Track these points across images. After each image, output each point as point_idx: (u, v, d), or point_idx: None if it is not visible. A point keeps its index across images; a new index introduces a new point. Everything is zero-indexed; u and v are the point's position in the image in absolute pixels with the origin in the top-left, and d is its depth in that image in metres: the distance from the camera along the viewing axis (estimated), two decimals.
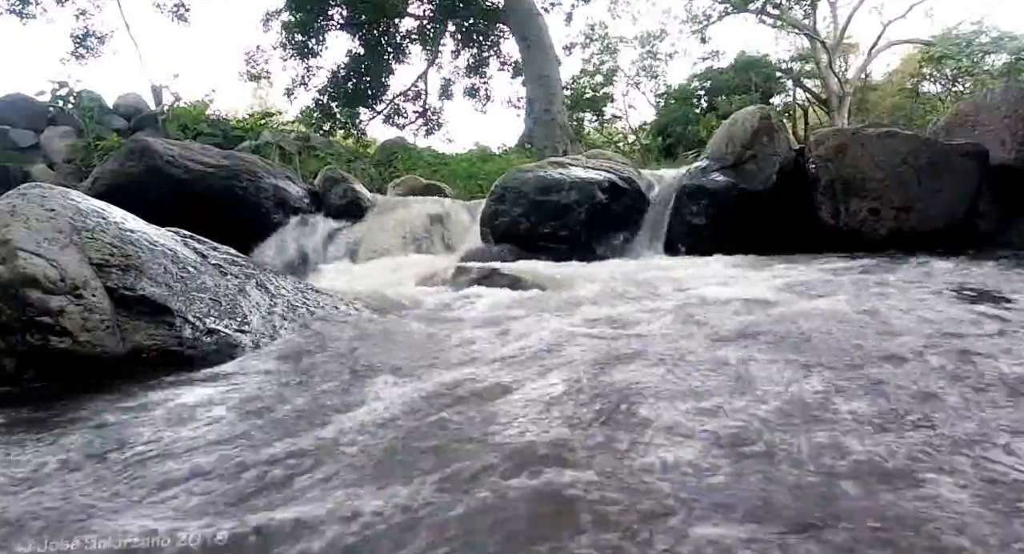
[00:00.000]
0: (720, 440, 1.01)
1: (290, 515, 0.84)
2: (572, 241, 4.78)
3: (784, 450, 0.96)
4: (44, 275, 1.66)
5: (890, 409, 1.11)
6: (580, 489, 0.86)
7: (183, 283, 1.99)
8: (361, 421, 1.20)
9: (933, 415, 1.07)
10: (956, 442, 0.96)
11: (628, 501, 0.82)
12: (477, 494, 0.86)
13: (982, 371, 1.28)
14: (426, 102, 17.27)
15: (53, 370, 1.63)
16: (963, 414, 1.07)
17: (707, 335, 1.74)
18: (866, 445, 0.96)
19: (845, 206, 4.14)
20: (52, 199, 1.95)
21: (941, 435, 0.99)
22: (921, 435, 1.00)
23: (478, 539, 0.77)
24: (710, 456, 0.95)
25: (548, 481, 0.89)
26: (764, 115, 4.70)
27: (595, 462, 0.95)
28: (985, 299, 2.07)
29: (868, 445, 0.96)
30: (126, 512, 0.89)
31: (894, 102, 16.17)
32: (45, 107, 9.82)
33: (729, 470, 0.90)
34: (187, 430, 1.22)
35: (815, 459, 0.92)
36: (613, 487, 0.86)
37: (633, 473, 0.91)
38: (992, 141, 4.11)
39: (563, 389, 1.32)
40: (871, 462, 0.90)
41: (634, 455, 0.97)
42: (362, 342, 1.96)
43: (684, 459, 0.94)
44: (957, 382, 1.23)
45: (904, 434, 1.00)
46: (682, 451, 0.97)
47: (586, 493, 0.85)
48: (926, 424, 1.04)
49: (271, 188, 5.58)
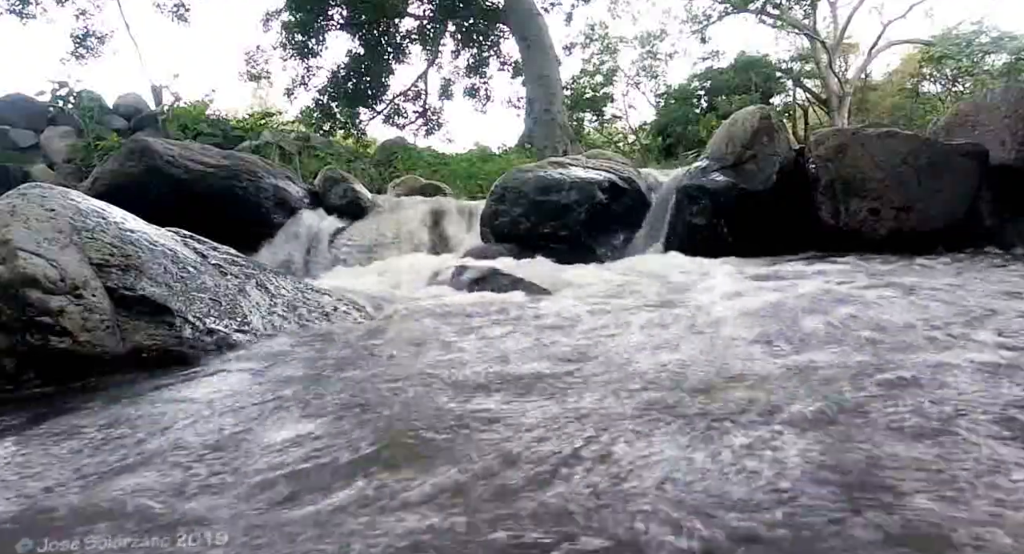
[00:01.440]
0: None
1: (304, 512, 0.84)
2: (572, 241, 4.78)
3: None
4: (44, 275, 1.66)
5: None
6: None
7: (183, 283, 1.99)
8: (360, 419, 1.20)
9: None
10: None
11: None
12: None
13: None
14: (426, 102, 17.31)
15: (53, 370, 1.63)
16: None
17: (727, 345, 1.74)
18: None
19: (845, 206, 4.14)
20: (52, 199, 1.95)
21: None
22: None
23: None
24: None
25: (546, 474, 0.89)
26: (764, 115, 4.70)
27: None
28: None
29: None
30: (125, 512, 0.89)
31: (894, 102, 16.18)
32: (45, 107, 9.81)
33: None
34: (187, 430, 1.22)
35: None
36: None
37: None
38: (992, 141, 4.11)
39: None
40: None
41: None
42: (361, 342, 1.96)
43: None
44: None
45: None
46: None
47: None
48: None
49: (271, 188, 5.58)
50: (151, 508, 0.89)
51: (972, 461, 0.88)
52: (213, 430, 1.21)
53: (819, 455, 0.92)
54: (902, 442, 0.95)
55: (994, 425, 1.00)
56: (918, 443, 0.95)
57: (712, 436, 1.01)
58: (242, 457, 1.06)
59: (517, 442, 1.04)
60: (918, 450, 0.92)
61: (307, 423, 1.21)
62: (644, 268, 3.72)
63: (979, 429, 0.98)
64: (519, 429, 1.10)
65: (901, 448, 0.93)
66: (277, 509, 0.87)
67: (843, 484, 0.83)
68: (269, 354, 1.84)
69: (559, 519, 0.78)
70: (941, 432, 0.98)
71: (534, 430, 1.09)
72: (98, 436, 1.22)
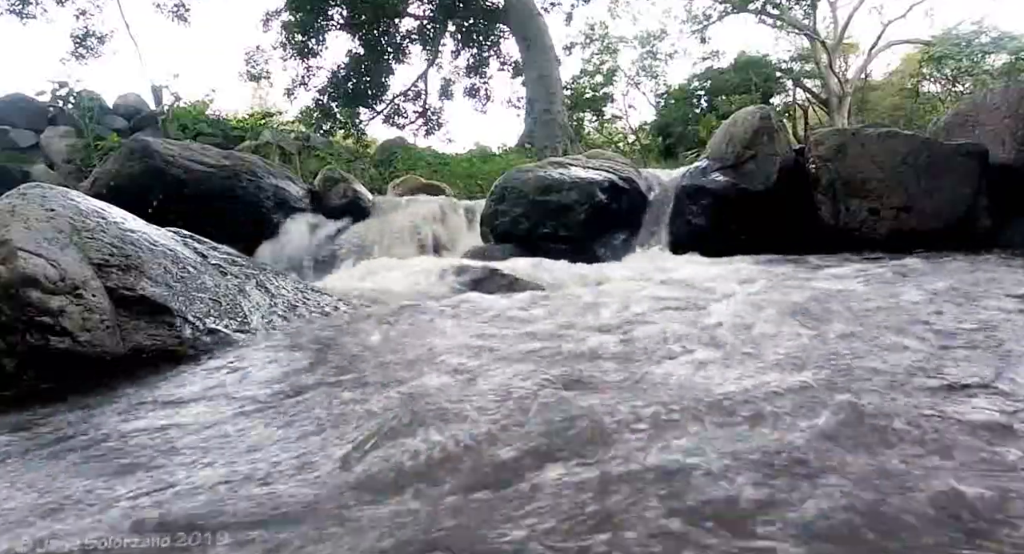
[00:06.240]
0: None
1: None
2: (572, 241, 4.78)
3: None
4: (44, 275, 1.66)
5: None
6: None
7: (183, 283, 1.99)
8: (361, 418, 1.20)
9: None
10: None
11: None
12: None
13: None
14: (426, 102, 17.30)
15: (53, 370, 1.63)
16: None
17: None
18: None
19: (845, 206, 4.14)
20: (52, 199, 1.95)
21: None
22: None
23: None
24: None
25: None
26: (764, 115, 4.70)
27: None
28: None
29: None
30: (127, 512, 0.89)
31: (894, 102, 16.18)
32: (45, 107, 9.81)
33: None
34: (187, 430, 1.22)
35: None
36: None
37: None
38: (992, 141, 4.12)
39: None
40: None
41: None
42: (361, 342, 1.96)
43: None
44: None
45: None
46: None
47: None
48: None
49: (271, 188, 5.58)
50: (149, 509, 0.89)
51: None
52: (213, 430, 1.21)
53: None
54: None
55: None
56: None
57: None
58: (243, 457, 1.06)
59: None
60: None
61: (306, 421, 1.22)
62: (645, 268, 3.72)
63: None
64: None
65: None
66: (277, 509, 0.87)
67: None
68: (269, 354, 1.84)
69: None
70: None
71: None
72: (98, 436, 1.22)
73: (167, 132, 9.03)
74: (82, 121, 9.15)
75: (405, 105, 17.08)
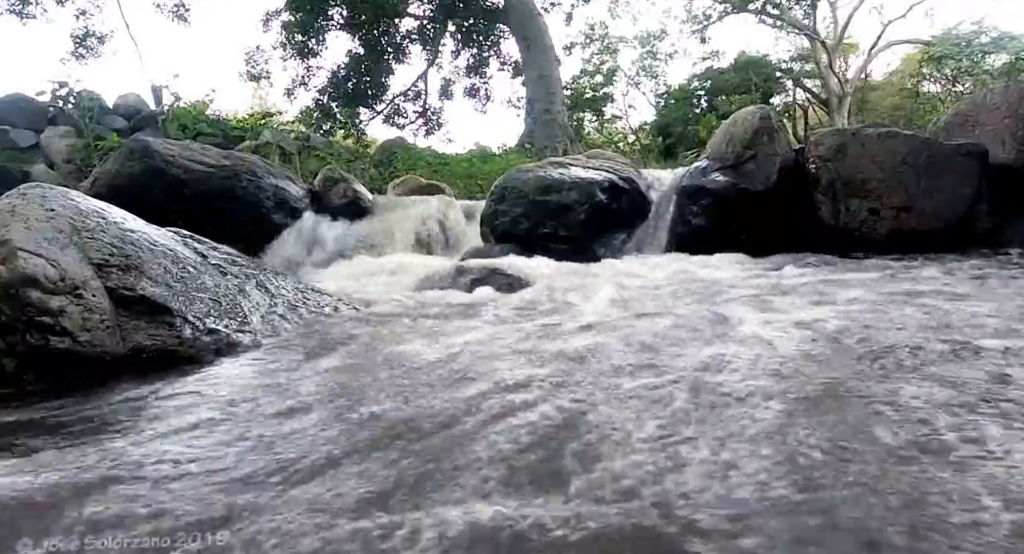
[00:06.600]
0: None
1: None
2: (572, 241, 4.78)
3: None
4: (44, 275, 1.66)
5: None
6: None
7: (183, 283, 1.99)
8: (360, 415, 1.20)
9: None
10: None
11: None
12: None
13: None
14: (426, 102, 17.30)
15: (53, 370, 1.62)
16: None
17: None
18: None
19: (845, 206, 4.14)
20: (52, 199, 1.95)
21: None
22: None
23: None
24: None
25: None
26: (764, 115, 4.69)
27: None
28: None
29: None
30: (126, 513, 0.89)
31: (894, 102, 16.16)
32: (45, 107, 9.81)
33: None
34: (187, 430, 1.22)
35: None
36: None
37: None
38: (992, 141, 4.11)
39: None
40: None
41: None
42: (361, 342, 1.96)
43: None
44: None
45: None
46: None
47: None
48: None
49: (271, 188, 5.57)
50: (169, 508, 0.89)
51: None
52: (213, 430, 1.21)
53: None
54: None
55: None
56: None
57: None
58: (243, 456, 1.06)
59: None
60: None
61: (307, 421, 1.22)
62: (645, 268, 3.72)
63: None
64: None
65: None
66: (273, 506, 0.87)
67: None
68: (269, 354, 1.84)
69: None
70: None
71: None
72: (98, 436, 1.22)
73: (167, 132, 9.02)
74: (82, 121, 9.15)
75: (405, 105, 17.11)
